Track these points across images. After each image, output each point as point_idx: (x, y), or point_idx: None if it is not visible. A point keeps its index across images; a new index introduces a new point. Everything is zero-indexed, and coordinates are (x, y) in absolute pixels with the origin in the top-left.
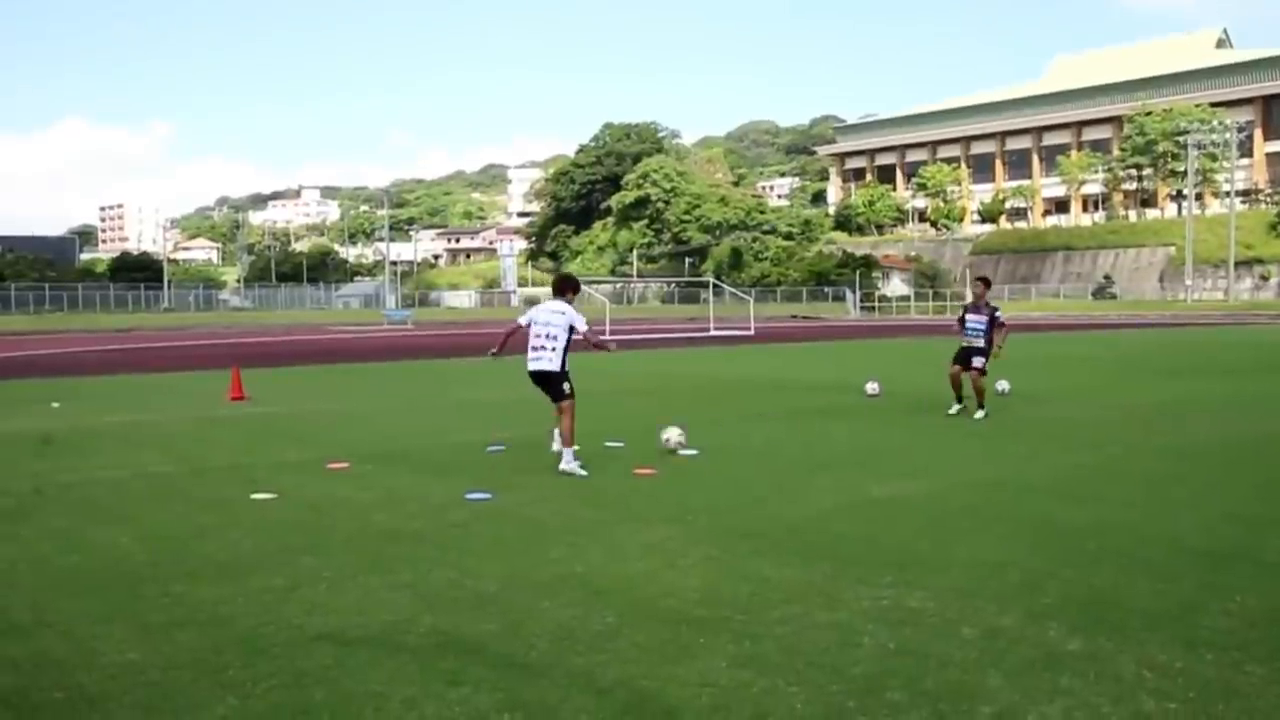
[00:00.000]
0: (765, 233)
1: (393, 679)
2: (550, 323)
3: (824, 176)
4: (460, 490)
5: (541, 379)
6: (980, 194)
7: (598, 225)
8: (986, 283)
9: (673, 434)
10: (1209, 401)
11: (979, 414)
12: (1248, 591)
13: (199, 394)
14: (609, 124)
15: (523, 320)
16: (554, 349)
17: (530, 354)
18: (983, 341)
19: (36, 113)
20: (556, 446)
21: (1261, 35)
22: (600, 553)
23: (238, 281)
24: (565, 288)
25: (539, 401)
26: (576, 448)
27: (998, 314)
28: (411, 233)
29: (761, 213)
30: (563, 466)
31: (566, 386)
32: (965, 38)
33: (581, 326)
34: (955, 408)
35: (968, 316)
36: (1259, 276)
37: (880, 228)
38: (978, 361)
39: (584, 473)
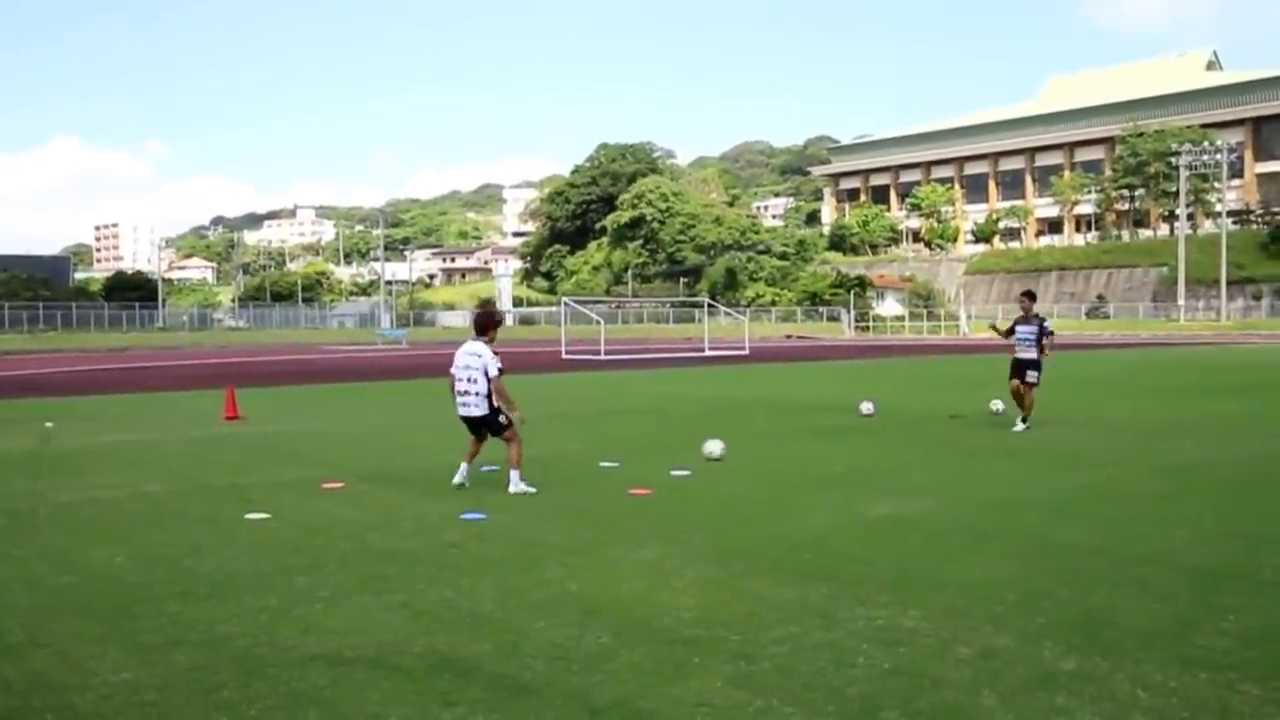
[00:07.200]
0: (760, 253)
1: (388, 700)
2: (469, 365)
3: (818, 197)
4: (455, 510)
5: (474, 424)
6: (974, 214)
7: (593, 245)
8: (1032, 296)
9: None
10: (1203, 421)
11: (1019, 426)
12: (1243, 610)
13: (194, 413)
14: (604, 144)
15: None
16: (477, 393)
17: (458, 399)
18: (1034, 352)
19: (30, 132)
20: (459, 479)
21: (1251, 57)
22: (595, 573)
23: (232, 301)
24: (486, 325)
25: (535, 423)
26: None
27: (1045, 324)
28: (406, 252)
29: (756, 233)
30: (512, 489)
31: (502, 419)
32: (958, 59)
33: (493, 372)
34: (1020, 426)
35: (1018, 328)
36: (1251, 296)
37: (874, 248)
38: (1031, 376)
39: (533, 489)
